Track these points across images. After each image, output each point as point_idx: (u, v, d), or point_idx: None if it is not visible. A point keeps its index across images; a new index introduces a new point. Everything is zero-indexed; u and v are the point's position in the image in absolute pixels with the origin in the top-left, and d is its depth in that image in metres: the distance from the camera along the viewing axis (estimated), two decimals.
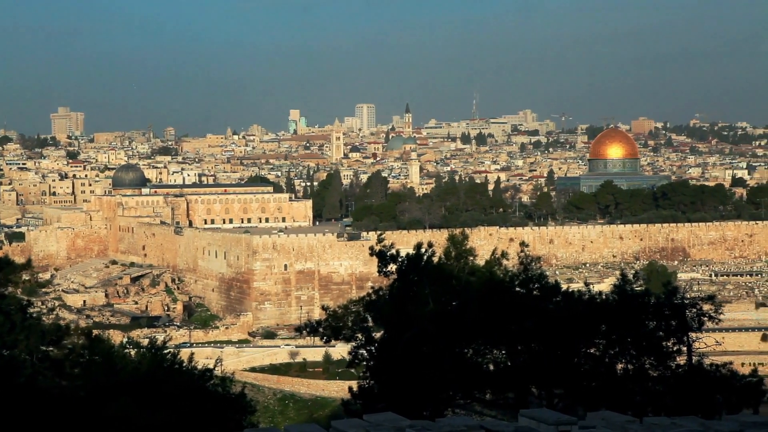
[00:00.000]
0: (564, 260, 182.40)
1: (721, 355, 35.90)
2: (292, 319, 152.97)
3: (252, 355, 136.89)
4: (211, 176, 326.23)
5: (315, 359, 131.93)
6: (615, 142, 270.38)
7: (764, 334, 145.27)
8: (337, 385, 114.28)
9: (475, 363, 31.21)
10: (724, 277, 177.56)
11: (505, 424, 15.39)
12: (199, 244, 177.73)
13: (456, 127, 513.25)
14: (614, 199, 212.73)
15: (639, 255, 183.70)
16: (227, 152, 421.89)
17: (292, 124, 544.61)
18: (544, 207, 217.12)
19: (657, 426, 14.85)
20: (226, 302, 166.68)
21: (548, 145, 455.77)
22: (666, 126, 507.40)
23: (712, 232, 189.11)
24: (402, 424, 15.12)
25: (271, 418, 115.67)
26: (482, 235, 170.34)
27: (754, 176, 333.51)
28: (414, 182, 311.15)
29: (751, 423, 14.80)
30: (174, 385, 28.95)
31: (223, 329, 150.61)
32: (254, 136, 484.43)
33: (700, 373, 30.70)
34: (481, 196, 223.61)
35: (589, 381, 30.66)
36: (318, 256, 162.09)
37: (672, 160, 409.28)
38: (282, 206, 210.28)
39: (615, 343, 31.42)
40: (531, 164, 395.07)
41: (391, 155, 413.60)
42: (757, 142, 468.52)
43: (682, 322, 31.66)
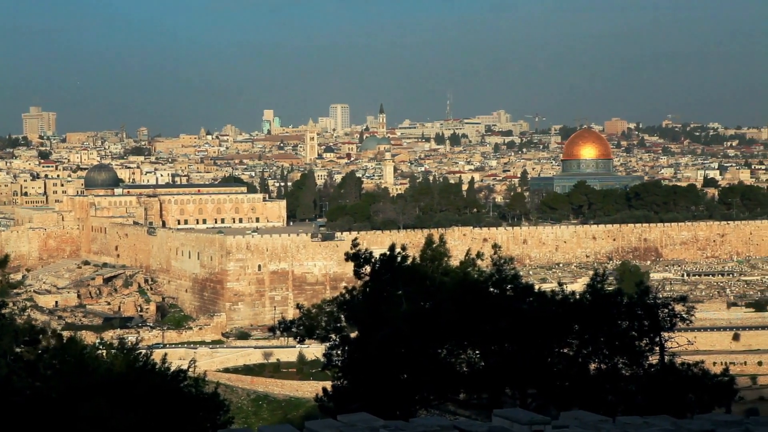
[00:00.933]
0: (537, 260, 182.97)
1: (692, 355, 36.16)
2: (266, 319, 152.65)
3: (225, 355, 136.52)
4: (184, 176, 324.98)
5: (289, 360, 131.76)
6: (588, 143, 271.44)
7: (735, 334, 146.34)
8: (311, 386, 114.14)
9: (448, 363, 31.26)
10: (696, 276, 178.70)
11: (478, 424, 15.42)
12: (173, 245, 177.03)
13: (430, 127, 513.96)
14: (587, 199, 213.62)
15: (612, 255, 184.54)
16: (201, 152, 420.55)
17: (266, 124, 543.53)
18: (518, 207, 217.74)
19: (629, 425, 14.94)
20: (199, 303, 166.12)
21: (522, 146, 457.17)
22: (639, 127, 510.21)
23: (685, 232, 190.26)
24: (376, 425, 15.13)
25: (245, 418, 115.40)
26: (456, 236, 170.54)
27: (726, 177, 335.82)
28: (388, 182, 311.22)
29: (723, 422, 14.90)
30: (147, 385, 28.85)
31: (196, 330, 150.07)
32: (228, 136, 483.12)
33: (672, 372, 30.87)
34: (455, 196, 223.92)
35: (562, 381, 30.78)
36: (292, 256, 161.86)
37: (645, 160, 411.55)
38: (256, 206, 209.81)
39: (588, 343, 31.55)
40: (505, 164, 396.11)
41: (365, 155, 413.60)
42: (728, 143, 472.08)
43: (655, 322, 31.83)
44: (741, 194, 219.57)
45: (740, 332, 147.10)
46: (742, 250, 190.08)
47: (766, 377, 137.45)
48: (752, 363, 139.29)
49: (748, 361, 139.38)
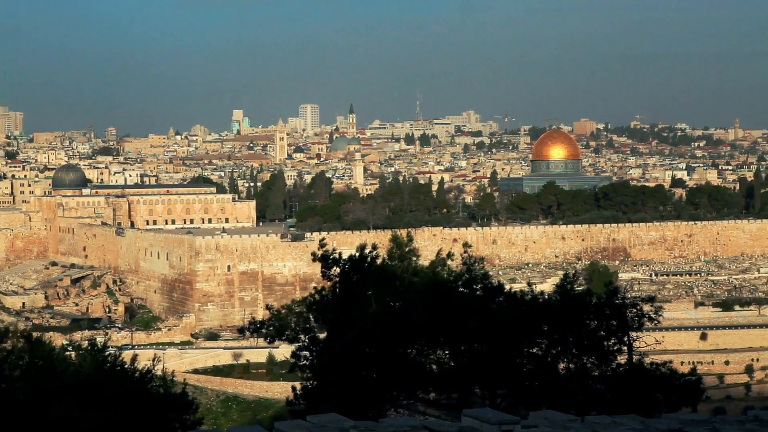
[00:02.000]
0: (507, 260, 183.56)
1: (660, 354, 36.38)
2: (235, 320, 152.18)
3: (195, 356, 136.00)
4: (153, 177, 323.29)
5: (258, 360, 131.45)
6: (557, 144, 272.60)
7: (703, 333, 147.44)
8: (281, 387, 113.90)
9: (418, 363, 31.28)
10: (664, 276, 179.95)
11: (448, 424, 15.44)
12: (141, 245, 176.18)
13: (400, 127, 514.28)
14: (556, 199, 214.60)
15: (581, 255, 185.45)
16: (170, 152, 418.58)
17: (236, 124, 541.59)
18: (488, 207, 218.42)
19: (598, 424, 15.00)
20: (168, 304, 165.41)
21: (491, 146, 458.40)
22: (607, 127, 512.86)
23: (653, 233, 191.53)
24: (345, 425, 15.11)
25: (214, 419, 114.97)
26: (426, 236, 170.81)
27: (693, 177, 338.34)
28: (358, 183, 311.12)
29: (690, 421, 15.00)
30: (115, 386, 28.68)
31: (165, 331, 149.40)
32: (197, 136, 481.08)
33: (640, 372, 31.03)
34: (425, 196, 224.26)
35: (531, 380, 30.88)
36: (261, 257, 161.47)
37: (613, 161, 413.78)
38: (225, 207, 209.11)
39: (557, 343, 31.65)
40: (474, 165, 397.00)
41: (335, 156, 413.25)
42: (695, 144, 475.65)
43: (623, 322, 31.98)
44: (708, 195, 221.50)
45: (707, 332, 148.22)
46: (710, 250, 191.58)
47: (733, 376, 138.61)
48: (719, 362, 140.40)
49: (716, 360, 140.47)
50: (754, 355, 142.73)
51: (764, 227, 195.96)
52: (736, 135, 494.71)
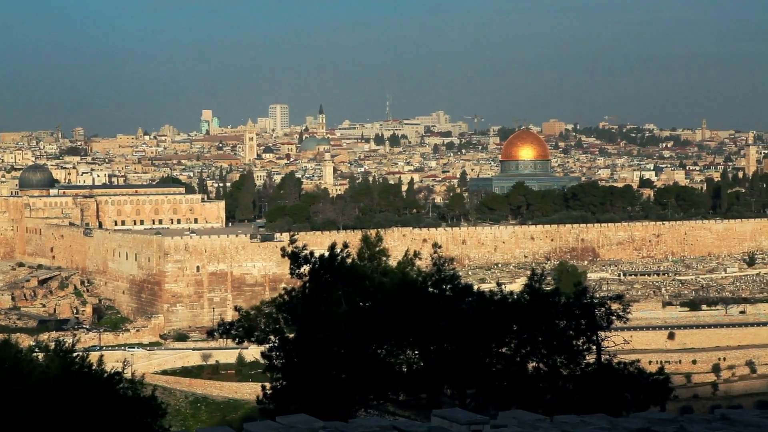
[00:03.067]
0: (476, 261, 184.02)
1: (629, 354, 36.54)
2: (204, 321, 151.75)
3: (163, 357, 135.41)
4: (121, 177, 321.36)
5: (228, 361, 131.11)
6: (526, 144, 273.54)
7: (670, 333, 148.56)
8: (250, 387, 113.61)
9: (387, 363, 31.28)
10: (632, 276, 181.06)
11: (418, 424, 15.45)
12: (110, 246, 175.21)
13: (369, 128, 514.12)
14: (525, 200, 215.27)
15: (550, 255, 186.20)
16: (138, 152, 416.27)
17: (205, 124, 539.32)
18: (457, 208, 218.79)
19: (566, 424, 15.05)
20: (137, 304, 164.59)
21: (461, 147, 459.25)
22: (576, 128, 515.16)
23: (621, 233, 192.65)
24: (315, 426, 15.09)
25: (183, 421, 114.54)
26: (396, 236, 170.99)
27: (661, 177, 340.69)
28: (328, 183, 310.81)
29: (658, 420, 15.09)
30: (83, 388, 28.47)
31: (133, 332, 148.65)
32: (166, 136, 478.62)
33: (608, 371, 31.19)
34: (395, 197, 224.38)
35: (500, 380, 30.95)
36: (231, 257, 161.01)
37: (582, 161, 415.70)
38: (194, 207, 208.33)
39: (526, 343, 31.75)
40: (444, 165, 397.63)
41: (304, 156, 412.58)
42: (663, 144, 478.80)
43: (592, 322, 32.13)
44: (676, 195, 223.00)
45: (675, 331, 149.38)
46: (677, 250, 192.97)
47: (700, 376, 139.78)
48: (687, 361, 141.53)
49: (683, 359, 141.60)
50: (721, 355, 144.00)
51: (731, 227, 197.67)
52: (703, 136, 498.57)
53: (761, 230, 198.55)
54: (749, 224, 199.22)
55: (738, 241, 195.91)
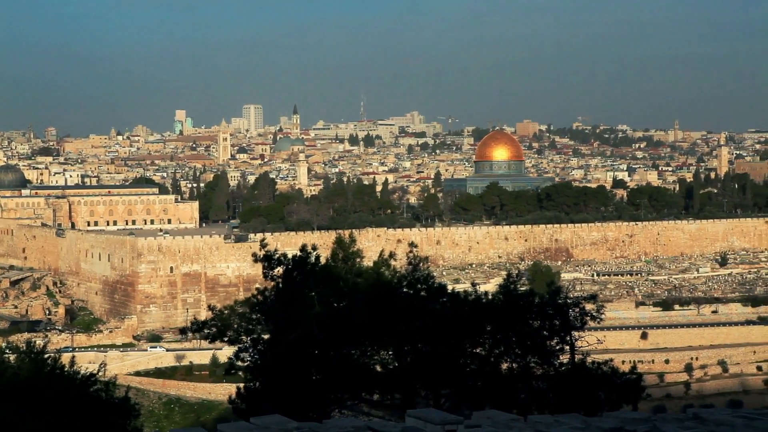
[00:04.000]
0: (451, 261, 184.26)
1: (602, 353, 36.77)
2: (178, 321, 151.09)
3: (137, 358, 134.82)
4: (94, 177, 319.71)
5: (202, 362, 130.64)
6: (500, 145, 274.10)
7: (643, 333, 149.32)
8: (224, 388, 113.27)
9: (362, 364, 31.27)
10: (606, 276, 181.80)
11: (392, 424, 15.45)
12: (82, 247, 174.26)
13: (344, 128, 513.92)
14: (500, 200, 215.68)
15: (524, 255, 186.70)
16: (111, 153, 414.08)
17: (178, 124, 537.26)
18: (431, 208, 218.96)
19: (540, 423, 15.09)
20: (110, 305, 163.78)
21: (435, 147, 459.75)
22: (550, 128, 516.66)
23: (594, 233, 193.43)
24: (289, 426, 15.05)
25: (157, 422, 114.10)
26: (370, 237, 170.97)
27: (634, 178, 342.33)
28: (302, 184, 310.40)
29: (630, 419, 15.14)
30: (56, 390, 28.30)
31: (106, 333, 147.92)
32: (139, 136, 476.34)
33: (582, 371, 31.31)
34: (369, 197, 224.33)
35: (474, 380, 31.00)
36: (204, 258, 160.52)
37: (555, 162, 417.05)
38: (168, 208, 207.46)
39: (500, 343, 31.82)
40: (418, 166, 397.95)
41: (278, 156, 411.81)
42: (636, 145, 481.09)
43: (565, 322, 32.24)
44: (649, 195, 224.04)
45: (648, 331, 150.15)
46: (650, 250, 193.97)
47: (673, 375, 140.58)
48: (659, 361, 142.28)
49: (656, 359, 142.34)
50: (694, 354, 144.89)
51: (703, 228, 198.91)
52: (675, 137, 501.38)
53: (733, 230, 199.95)
54: (721, 224, 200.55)
55: (710, 242, 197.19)
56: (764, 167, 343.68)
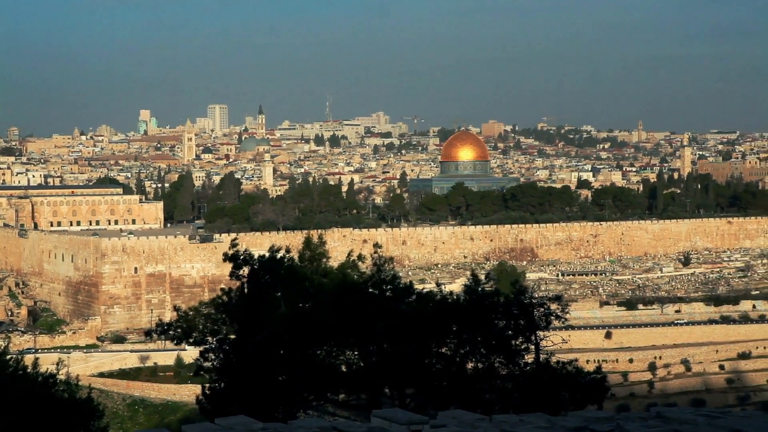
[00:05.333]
0: (417, 261, 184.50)
1: (567, 353, 36.87)
2: (142, 322, 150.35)
3: (100, 360, 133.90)
4: (57, 177, 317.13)
5: (166, 363, 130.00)
6: (466, 145, 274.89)
7: (608, 332, 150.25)
8: (189, 389, 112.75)
9: (327, 364, 31.24)
10: (570, 276, 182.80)
11: (357, 424, 15.44)
12: (45, 247, 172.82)
13: (309, 128, 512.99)
14: (465, 200, 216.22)
15: (489, 255, 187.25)
16: (74, 153, 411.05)
17: (143, 124, 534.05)
18: (397, 208, 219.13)
19: (505, 423, 15.13)
20: (73, 306, 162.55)
21: (401, 147, 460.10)
22: (515, 129, 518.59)
23: (559, 233, 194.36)
24: (254, 427, 15.00)
25: (121, 423, 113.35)
26: (336, 237, 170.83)
27: (599, 178, 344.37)
28: (267, 184, 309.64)
29: (595, 418, 15.22)
30: (17, 391, 28.05)
31: (70, 334, 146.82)
32: (103, 136, 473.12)
33: (546, 370, 31.45)
34: (335, 197, 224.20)
35: (440, 380, 31.06)
36: (169, 258, 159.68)
37: (521, 162, 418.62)
38: (132, 208, 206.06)
39: (465, 343, 31.90)
40: (384, 166, 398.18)
41: (244, 156, 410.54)
42: (600, 146, 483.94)
43: (530, 321, 32.38)
44: (613, 195, 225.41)
45: (612, 330, 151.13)
46: (614, 250, 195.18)
47: (637, 374, 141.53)
48: (623, 360, 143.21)
49: (620, 358, 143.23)
50: (657, 353, 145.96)
51: (666, 228, 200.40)
52: (639, 137, 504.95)
53: (696, 230, 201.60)
54: (684, 224, 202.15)
55: (673, 241, 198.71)
56: (726, 168, 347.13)
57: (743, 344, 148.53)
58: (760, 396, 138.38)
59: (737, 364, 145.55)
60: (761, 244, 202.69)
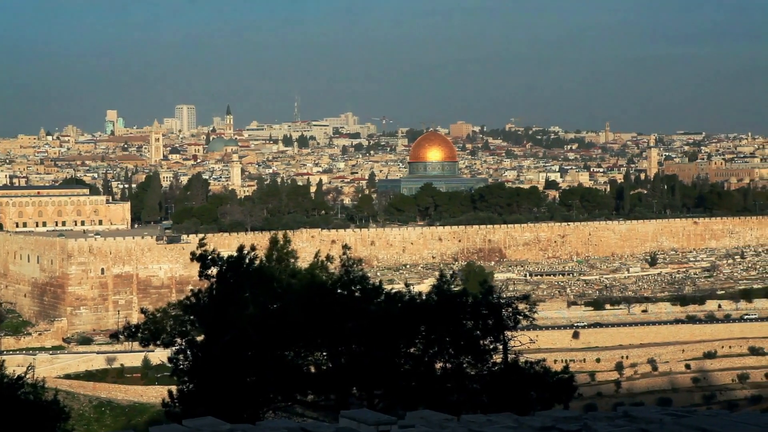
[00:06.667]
0: (385, 262, 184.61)
1: (535, 353, 37.06)
2: (109, 324, 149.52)
3: (66, 361, 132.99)
4: (23, 178, 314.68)
5: (133, 364, 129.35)
6: (434, 146, 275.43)
7: (575, 332, 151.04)
8: (156, 391, 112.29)
9: (296, 365, 31.18)
10: (538, 276, 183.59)
11: (326, 425, 15.42)
12: (11, 248, 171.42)
13: (278, 129, 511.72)
14: (433, 201, 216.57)
15: (457, 256, 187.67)
16: (40, 153, 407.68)
17: (109, 124, 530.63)
18: (366, 209, 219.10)
19: (473, 423, 15.16)
20: (39, 308, 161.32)
21: (369, 148, 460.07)
22: (483, 130, 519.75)
23: (527, 233, 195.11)
24: (221, 428, 14.95)
25: (87, 425, 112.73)
26: (304, 237, 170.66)
27: (566, 179, 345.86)
28: (235, 184, 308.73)
29: (562, 418, 15.28)
30: None
31: (36, 335, 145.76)
32: (69, 136, 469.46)
33: (515, 370, 31.54)
34: (303, 198, 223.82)
35: (408, 381, 31.07)
36: (136, 259, 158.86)
37: (489, 163, 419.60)
38: (99, 209, 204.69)
39: (434, 343, 31.92)
40: (352, 167, 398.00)
41: (212, 157, 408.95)
42: (568, 146, 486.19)
43: (499, 322, 32.45)
44: (580, 196, 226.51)
45: (579, 330, 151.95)
46: (582, 251, 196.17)
47: (604, 374, 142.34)
48: (591, 360, 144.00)
49: (587, 358, 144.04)
50: (624, 353, 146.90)
51: (633, 228, 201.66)
52: (606, 138, 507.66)
53: (662, 231, 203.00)
54: (651, 225, 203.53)
55: (640, 242, 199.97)
56: (693, 168, 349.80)
57: (709, 344, 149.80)
58: (725, 395, 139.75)
59: (703, 363, 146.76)
60: (727, 244, 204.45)
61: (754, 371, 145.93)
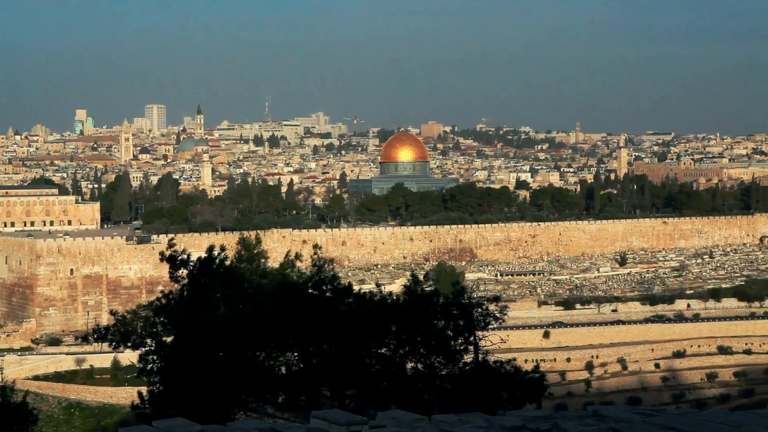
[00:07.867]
0: (356, 262, 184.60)
1: (506, 353, 37.23)
2: (78, 324, 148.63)
3: (35, 363, 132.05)
4: None
5: (103, 366, 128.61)
6: (405, 146, 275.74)
7: (546, 332, 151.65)
8: (126, 392, 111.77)
9: (266, 366, 31.11)
10: (509, 276, 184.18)
11: (296, 426, 15.42)
12: None
13: (248, 129, 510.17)
14: (405, 201, 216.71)
15: (429, 256, 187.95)
16: (8, 153, 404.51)
17: (79, 124, 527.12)
18: (337, 209, 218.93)
19: (444, 423, 15.19)
20: (7, 309, 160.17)
21: (340, 148, 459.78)
22: (454, 130, 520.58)
23: (498, 233, 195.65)
24: (192, 430, 14.90)
25: (56, 427, 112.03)
26: (275, 237, 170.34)
27: (537, 179, 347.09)
28: (206, 184, 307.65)
29: (533, 417, 15.34)
30: None
31: (4, 337, 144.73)
32: (38, 136, 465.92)
33: (485, 370, 31.62)
34: (274, 198, 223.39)
35: (379, 381, 31.08)
36: (106, 260, 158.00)
37: (460, 163, 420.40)
38: (68, 209, 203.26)
39: (405, 343, 31.96)
40: (324, 166, 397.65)
41: (182, 157, 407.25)
42: (539, 147, 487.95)
43: (469, 322, 32.53)
44: (551, 196, 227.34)
45: (550, 330, 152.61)
46: (552, 250, 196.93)
47: (574, 373, 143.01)
48: (561, 359, 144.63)
49: (558, 357, 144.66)
50: (594, 352, 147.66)
51: (604, 228, 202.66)
52: (577, 138, 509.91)
53: (632, 231, 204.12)
54: (621, 225, 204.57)
55: (610, 242, 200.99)
56: (662, 168, 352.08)
57: (678, 343, 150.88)
58: (694, 394, 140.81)
59: (672, 362, 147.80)
60: (695, 244, 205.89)
61: (723, 370, 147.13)
